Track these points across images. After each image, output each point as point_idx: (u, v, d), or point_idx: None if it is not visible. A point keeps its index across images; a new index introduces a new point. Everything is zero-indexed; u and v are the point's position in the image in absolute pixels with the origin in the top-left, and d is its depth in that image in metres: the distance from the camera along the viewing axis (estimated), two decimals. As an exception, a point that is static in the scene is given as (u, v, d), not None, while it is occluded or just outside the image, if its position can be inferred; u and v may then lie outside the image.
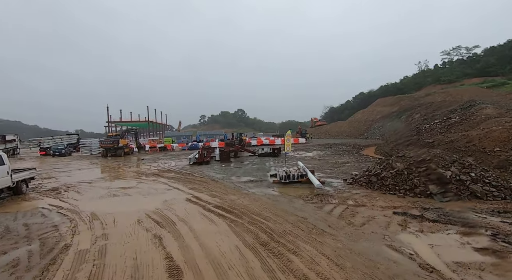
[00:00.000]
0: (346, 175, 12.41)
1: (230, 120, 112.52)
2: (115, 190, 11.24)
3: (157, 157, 26.37)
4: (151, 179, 13.52)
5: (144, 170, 17.29)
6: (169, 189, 11.05)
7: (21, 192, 10.87)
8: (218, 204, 8.39)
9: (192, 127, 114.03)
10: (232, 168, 16.73)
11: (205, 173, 15.08)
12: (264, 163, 18.90)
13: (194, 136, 48.98)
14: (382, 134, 43.59)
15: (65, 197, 10.22)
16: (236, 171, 15.32)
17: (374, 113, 55.93)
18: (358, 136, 48.69)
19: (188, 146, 35.79)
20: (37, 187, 12.47)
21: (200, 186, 11.27)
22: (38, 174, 16.10)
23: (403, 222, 6.24)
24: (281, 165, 17.38)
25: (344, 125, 57.19)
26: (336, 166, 15.77)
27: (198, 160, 19.21)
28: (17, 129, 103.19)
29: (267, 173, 14.25)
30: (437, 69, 64.68)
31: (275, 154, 23.12)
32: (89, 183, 13.09)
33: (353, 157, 20.80)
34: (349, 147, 30.70)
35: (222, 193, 9.93)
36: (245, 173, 14.46)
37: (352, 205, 7.79)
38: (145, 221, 7.06)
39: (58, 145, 33.10)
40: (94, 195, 10.52)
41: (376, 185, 9.60)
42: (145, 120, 65.95)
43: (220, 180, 12.63)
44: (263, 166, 17.33)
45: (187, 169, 17.13)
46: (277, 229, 6.05)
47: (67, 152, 32.04)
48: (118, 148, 28.65)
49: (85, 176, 15.58)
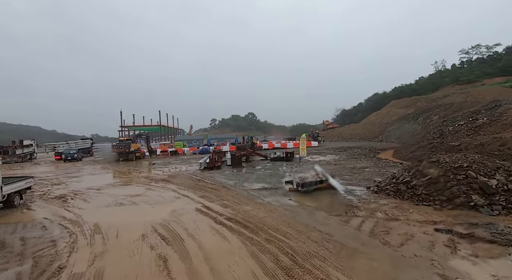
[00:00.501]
0: (369, 182, 11.35)
1: (241, 124, 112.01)
2: (122, 198, 10.64)
3: (168, 162, 25.94)
4: (160, 186, 12.88)
5: (154, 176, 16.74)
6: (178, 197, 10.34)
7: (12, 205, 9.40)
8: (231, 216, 7.57)
9: (203, 131, 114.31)
10: (244, 174, 15.92)
11: (216, 179, 14.33)
12: (277, 168, 18.00)
13: (205, 140, 48.62)
14: (398, 137, 41.80)
15: (70, 206, 9.68)
16: (249, 177, 14.49)
17: (389, 115, 54.04)
18: (372, 139, 46.98)
19: (199, 150, 35.32)
20: (45, 194, 12.06)
21: (211, 194, 10.50)
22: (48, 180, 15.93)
23: (450, 243, 5.22)
24: (295, 170, 16.44)
25: (358, 127, 55.45)
26: (355, 172, 14.67)
27: (209, 165, 18.54)
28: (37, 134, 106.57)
29: (281, 179, 13.34)
30: (455, 69, 61.84)
31: (288, 159, 22.15)
32: (97, 190, 12.58)
33: (371, 162, 19.58)
34: (365, 151, 29.35)
35: (235, 202, 9.11)
36: (258, 179, 13.61)
37: (382, 218, 6.80)
38: (150, 236, 6.32)
39: (69, 150, 32.58)
40: (101, 203, 9.94)
41: (406, 195, 8.53)
42: (157, 124, 66.34)
43: (232, 187, 11.84)
44: (276, 171, 16.43)
45: (197, 174, 16.45)
46: (300, 250, 5.16)
47: (79, 157, 31.76)
48: (130, 152, 28.48)
49: (94, 182, 15.15)
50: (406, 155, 21.15)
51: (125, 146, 28.36)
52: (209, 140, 45.47)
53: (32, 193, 12.38)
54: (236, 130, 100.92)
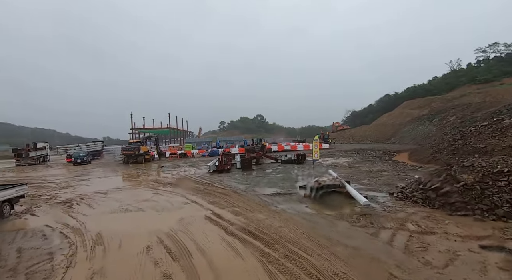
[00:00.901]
0: (390, 188, 10.46)
1: (250, 126, 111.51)
2: (128, 203, 10.12)
3: (177, 164, 25.53)
4: (168, 190, 12.34)
5: (163, 179, 16.26)
6: (186, 203, 9.73)
7: (1, 215, 8.43)
8: (243, 225, 6.88)
9: (212, 133, 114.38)
10: (255, 177, 15.22)
11: (226, 183, 13.70)
12: (289, 171, 17.23)
13: (214, 142, 48.24)
14: (412, 139, 40.26)
15: (75, 212, 9.21)
16: (260, 181, 13.79)
17: (402, 116, 52.39)
18: (385, 141, 45.50)
19: (208, 152, 34.88)
20: (51, 198, 11.70)
21: (221, 200, 9.85)
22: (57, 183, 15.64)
23: (506, 265, 4.37)
24: (308, 173, 15.64)
25: (369, 129, 54.00)
26: (373, 176, 13.75)
27: (218, 168, 17.93)
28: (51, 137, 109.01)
29: (294, 183, 12.58)
30: (471, 68, 59.43)
31: (300, 161, 21.34)
32: (104, 194, 12.14)
33: (387, 165, 18.56)
34: (379, 153, 28.19)
35: (247, 209, 8.42)
36: (270, 184, 12.89)
37: (416, 231, 5.96)
38: (155, 249, 5.70)
39: (79, 153, 31.63)
40: (106, 209, 9.44)
41: (437, 203, 7.64)
42: (166, 126, 66.60)
43: (243, 192, 11.16)
44: (288, 175, 15.66)
45: (206, 177, 15.87)
46: (326, 270, 4.42)
47: (88, 160, 31.02)
48: (139, 155, 28.26)
49: (102, 186, 14.77)
50: (424, 158, 19.98)
51: (134, 148, 28.16)
52: (218, 142, 45.04)
53: (39, 197, 12.08)
54: (244, 132, 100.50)
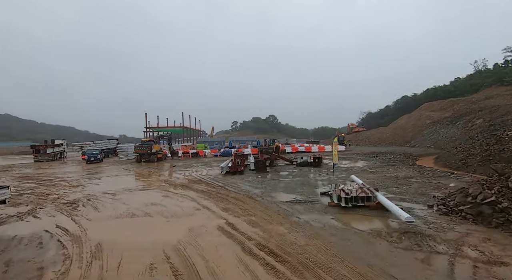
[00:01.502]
0: (426, 198, 9.15)
1: (262, 126, 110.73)
2: (136, 206, 9.34)
3: (189, 164, 24.88)
4: (179, 193, 11.51)
5: (174, 180, 15.52)
6: (197, 209, 8.83)
7: None
8: (262, 241, 5.87)
9: (225, 133, 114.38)
10: (270, 181, 14.19)
11: (239, 186, 12.75)
12: (306, 174, 16.07)
13: (227, 142, 47.57)
14: (433, 142, 38.00)
15: (79, 215, 8.51)
16: (276, 185, 12.74)
17: (422, 118, 49.79)
18: (404, 144, 43.30)
19: (221, 152, 34.17)
20: (58, 198, 11.14)
21: (235, 207, 8.88)
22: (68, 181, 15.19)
23: None
24: (328, 178, 14.45)
25: (387, 131, 51.74)
26: (401, 182, 12.40)
27: (231, 170, 17.04)
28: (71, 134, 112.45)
29: (314, 189, 11.46)
30: (499, 69, 55.64)
31: (317, 164, 20.12)
32: (112, 195, 11.47)
33: (413, 170, 17.04)
34: (400, 157, 26.50)
35: (265, 220, 7.41)
36: (288, 189, 11.81)
37: (480, 260, 4.73)
38: (159, 268, 4.79)
39: (92, 151, 29.93)
40: (112, 213, 8.68)
41: (494, 220, 6.33)
42: (180, 125, 66.73)
43: (258, 197, 10.15)
44: (306, 179, 14.52)
45: (219, 179, 14.99)
46: (376, 316, 3.34)
47: (101, 158, 29.82)
48: (152, 153, 27.86)
49: (112, 185, 14.19)
50: (453, 163, 18.29)
51: (147, 147, 27.78)
52: (231, 142, 44.32)
53: (47, 197, 11.56)
54: (257, 132, 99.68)
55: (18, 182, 16.24)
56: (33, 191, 12.86)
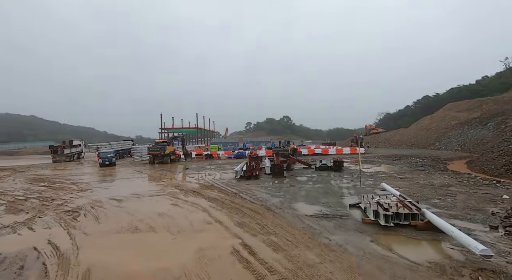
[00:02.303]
0: (481, 215, 7.47)
1: (276, 127, 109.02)
2: (141, 217, 8.28)
3: (202, 166, 23.92)
4: (189, 201, 10.38)
5: (185, 184, 14.47)
6: (208, 223, 7.62)
7: None
8: (289, 276, 4.55)
9: (238, 134, 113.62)
10: (289, 187, 12.81)
11: (255, 193, 11.47)
12: (327, 180, 14.56)
13: (241, 143, 46.52)
14: (461, 145, 35.19)
15: (77, 227, 7.53)
16: (296, 194, 11.34)
17: (446, 119, 46.59)
18: (427, 146, 40.53)
19: (234, 154, 33.09)
20: (62, 204, 10.31)
21: (252, 221, 7.60)
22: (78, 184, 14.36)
23: None
24: (353, 185, 12.88)
25: (408, 133, 48.82)
26: (441, 193, 10.64)
27: (246, 174, 15.79)
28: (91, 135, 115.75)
29: (341, 199, 9.98)
30: (532, 66, 51.41)
31: (337, 168, 18.50)
32: (118, 202, 10.52)
33: (448, 176, 15.09)
34: (427, 160, 24.28)
35: (288, 241, 6.07)
36: (310, 198, 10.40)
37: None
38: (156, 316, 3.58)
39: (106, 153, 26.74)
40: (113, 225, 7.64)
41: None
42: (194, 126, 66.45)
43: (278, 209, 8.82)
44: (328, 186, 13.02)
45: (233, 185, 13.79)
46: None
47: (115, 161, 26.86)
48: (165, 155, 27.18)
49: (121, 190, 13.34)
50: (494, 169, 16.15)
51: (160, 148, 27.12)
52: (245, 143, 43.19)
53: (51, 202, 10.78)
54: (270, 133, 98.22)
55: (30, 184, 15.78)
56: (39, 195, 12.18)
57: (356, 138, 45.43)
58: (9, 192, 13.12)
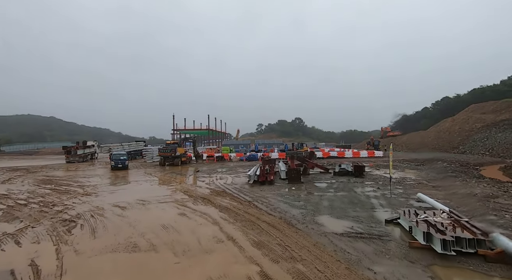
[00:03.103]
0: None
1: (287, 129, 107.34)
2: (143, 230, 7.17)
3: (213, 169, 22.86)
4: (198, 210, 9.20)
5: (195, 189, 13.36)
6: (219, 240, 6.39)
7: None
8: None
9: (250, 135, 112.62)
10: (309, 195, 11.43)
11: (271, 202, 10.18)
12: (350, 188, 13.06)
13: (252, 145, 45.32)
14: (489, 148, 32.51)
15: (69, 242, 6.47)
16: (318, 203, 9.96)
17: (470, 122, 43.66)
18: (450, 150, 37.90)
19: (246, 156, 31.89)
20: (61, 211, 9.38)
21: (271, 240, 6.31)
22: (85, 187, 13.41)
23: None
24: (382, 194, 11.34)
25: (428, 135, 46.14)
26: (494, 207, 8.95)
27: (260, 179, 14.51)
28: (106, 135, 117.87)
29: (373, 212, 8.53)
30: None
31: (358, 174, 16.92)
32: (121, 210, 9.50)
33: (487, 185, 13.21)
34: (455, 165, 22.17)
35: (319, 272, 4.73)
36: (336, 209, 8.99)
37: None
38: None
39: (119, 155, 24.45)
40: (109, 241, 6.53)
41: None
42: (206, 128, 65.96)
43: (300, 223, 7.49)
44: (353, 194, 11.55)
45: (246, 191, 12.57)
46: None
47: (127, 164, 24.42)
48: (176, 157, 26.33)
49: (127, 195, 12.40)
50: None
51: (171, 150, 26.30)
52: (257, 145, 41.96)
53: (51, 209, 9.89)
54: (282, 135, 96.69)
55: (36, 186, 15.15)
56: (41, 200, 11.37)
57: (372, 141, 43.31)
58: (13, 195, 12.43)
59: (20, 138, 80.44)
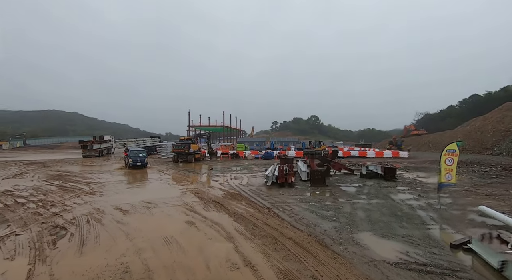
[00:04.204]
0: None
1: (303, 127, 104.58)
2: (141, 245, 5.75)
3: (227, 167, 21.48)
4: (209, 218, 7.73)
5: (207, 190, 11.95)
6: (234, 267, 4.83)
7: None
8: None
9: (264, 133, 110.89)
10: (338, 203, 9.68)
11: (295, 210, 8.54)
12: (385, 194, 11.16)
13: (268, 143, 43.64)
14: (531, 150, 29.03)
15: (48, 260, 5.13)
16: (352, 214, 8.20)
17: (506, 121, 39.68)
18: (483, 151, 34.51)
19: (262, 154, 30.32)
20: (57, 214, 8.20)
21: (302, 270, 4.68)
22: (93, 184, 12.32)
23: None
24: (427, 203, 9.38)
25: (457, 135, 42.48)
26: None
27: (279, 180, 12.90)
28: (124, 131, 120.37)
29: (426, 229, 6.68)
30: None
31: (389, 177, 14.88)
32: (122, 215, 8.20)
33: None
34: (496, 169, 19.51)
35: None
36: (376, 223, 7.22)
37: None
38: None
39: (138, 152, 21.67)
40: (97, 260, 5.14)
41: None
42: (221, 124, 64.97)
43: (336, 243, 5.81)
44: (390, 202, 9.67)
45: (264, 194, 11.00)
46: None
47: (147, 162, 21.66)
48: (189, 153, 25.19)
49: (133, 195, 11.20)
50: None
51: (184, 146, 25.19)
52: (273, 143, 40.25)
53: (48, 210, 8.76)
54: (297, 133, 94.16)
55: (44, 182, 14.34)
56: (42, 198, 10.35)
57: (395, 140, 40.40)
58: (16, 192, 11.55)
59: (45, 132, 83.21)
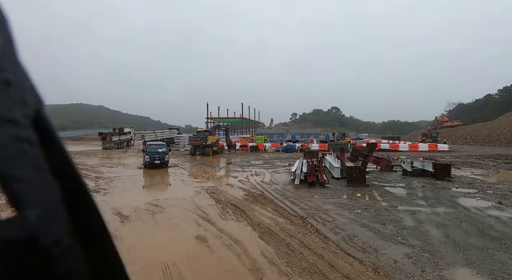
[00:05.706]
0: None
1: (323, 119, 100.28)
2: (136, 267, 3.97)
3: (247, 161, 19.62)
4: (227, 233, 5.81)
5: (225, 190, 10.09)
6: None
7: None
8: None
9: (283, 125, 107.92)
10: (391, 211, 7.39)
11: (339, 223, 6.41)
12: (448, 199, 8.66)
13: (289, 135, 41.27)
14: None
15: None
16: (421, 231, 5.91)
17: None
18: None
19: (283, 147, 28.15)
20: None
21: None
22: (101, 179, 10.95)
23: None
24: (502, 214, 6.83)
25: (501, 127, 37.57)
26: None
27: (309, 179, 10.74)
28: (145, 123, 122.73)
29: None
30: None
31: (441, 176, 12.16)
32: (121, 222, 6.53)
33: None
34: None
35: None
36: (466, 249, 4.92)
37: None
38: None
39: (157, 147, 15.90)
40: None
41: None
42: (239, 117, 63.32)
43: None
44: (464, 211, 7.21)
45: (292, 196, 8.94)
46: None
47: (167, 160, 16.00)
48: (207, 146, 23.60)
49: (140, 194, 9.64)
50: None
51: (202, 138, 23.60)
52: (294, 135, 37.83)
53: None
54: (316, 125, 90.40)
55: (53, 176, 13.26)
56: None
57: (429, 132, 36.40)
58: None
59: (72, 125, 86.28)
